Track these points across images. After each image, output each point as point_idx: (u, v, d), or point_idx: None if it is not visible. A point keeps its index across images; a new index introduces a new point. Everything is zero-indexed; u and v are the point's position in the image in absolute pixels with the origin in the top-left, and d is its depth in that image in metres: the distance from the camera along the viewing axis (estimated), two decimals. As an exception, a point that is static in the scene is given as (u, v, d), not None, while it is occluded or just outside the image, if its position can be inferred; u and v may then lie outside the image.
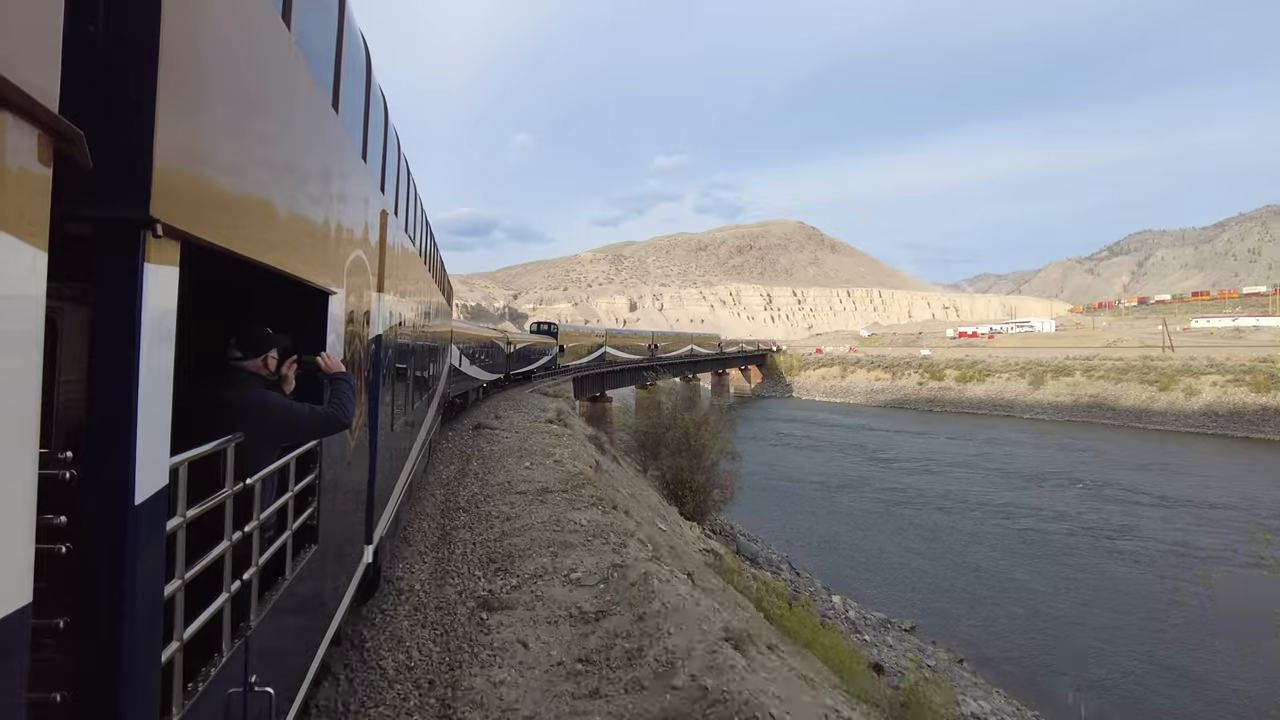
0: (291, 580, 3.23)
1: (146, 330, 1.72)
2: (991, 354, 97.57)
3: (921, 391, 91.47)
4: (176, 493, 2.03)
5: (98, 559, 1.66)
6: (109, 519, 1.67)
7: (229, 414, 2.71)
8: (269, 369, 3.19)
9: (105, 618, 1.67)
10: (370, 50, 4.84)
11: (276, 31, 2.71)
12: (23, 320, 1.23)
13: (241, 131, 2.35)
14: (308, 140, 3.26)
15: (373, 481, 5.42)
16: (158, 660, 1.90)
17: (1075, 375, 78.74)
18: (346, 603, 4.82)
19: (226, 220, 2.22)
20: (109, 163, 1.60)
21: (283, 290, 3.23)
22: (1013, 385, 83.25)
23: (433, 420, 12.97)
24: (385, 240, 5.67)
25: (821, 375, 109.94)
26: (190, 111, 1.90)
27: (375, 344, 5.32)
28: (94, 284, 1.69)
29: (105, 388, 1.68)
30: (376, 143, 5.36)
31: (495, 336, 30.86)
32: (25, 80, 1.14)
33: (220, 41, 2.12)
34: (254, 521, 2.71)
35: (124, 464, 1.67)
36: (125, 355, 1.68)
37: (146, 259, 1.72)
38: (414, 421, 9.01)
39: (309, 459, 3.55)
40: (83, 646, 1.66)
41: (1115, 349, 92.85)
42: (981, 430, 68.06)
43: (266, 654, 2.91)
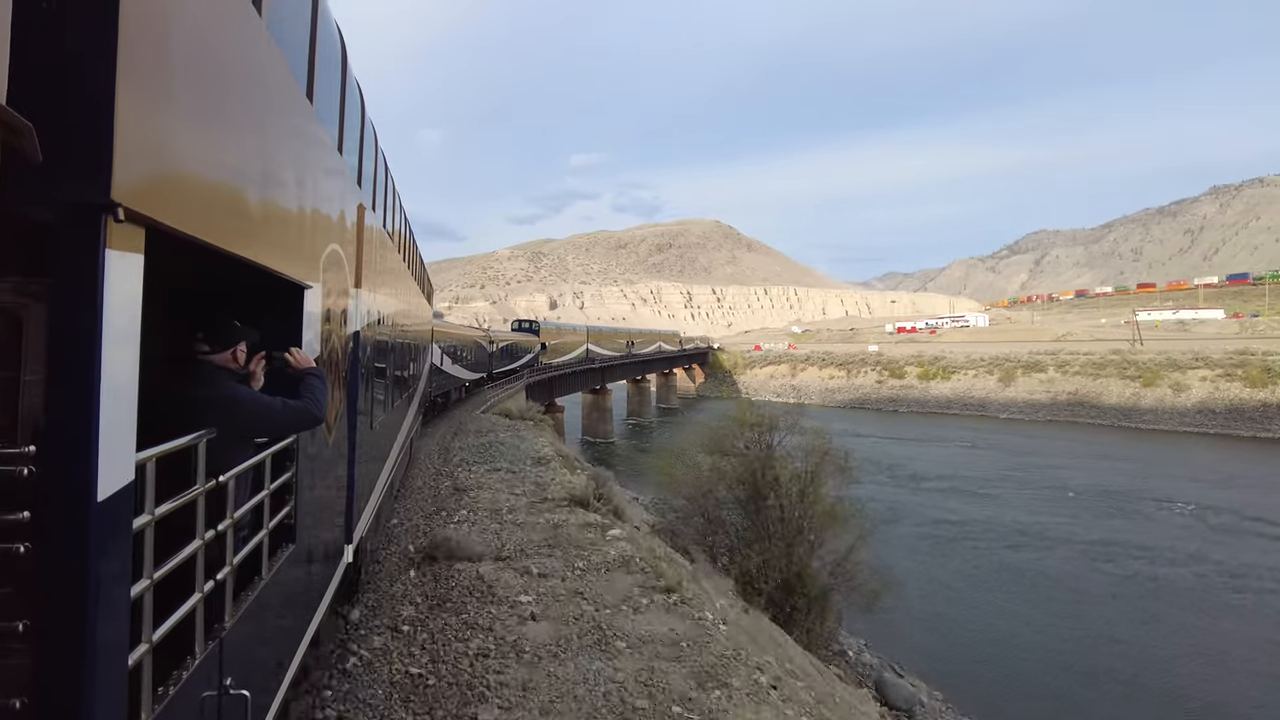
0: (268, 580, 3.17)
1: (109, 319, 1.63)
2: (942, 350, 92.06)
3: (882, 390, 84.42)
4: (144, 490, 1.94)
5: (59, 558, 1.58)
6: (70, 517, 1.58)
7: (198, 410, 2.61)
8: (238, 363, 3.07)
9: (68, 619, 1.59)
10: (346, 41, 4.83)
11: (247, 16, 2.63)
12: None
13: (210, 117, 2.25)
14: (280, 129, 3.17)
15: (352, 480, 5.41)
16: (125, 663, 1.82)
17: (1048, 371, 73.42)
18: (326, 603, 4.76)
19: (194, 207, 2.12)
20: (66, 144, 1.52)
21: (255, 286, 3.19)
22: (981, 383, 77.25)
23: (414, 419, 12.85)
24: (362, 235, 5.55)
25: (770, 374, 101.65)
26: (153, 93, 1.80)
27: (353, 341, 5.26)
28: (53, 270, 1.60)
29: (65, 379, 1.59)
30: (353, 135, 5.31)
31: (478, 335, 29.92)
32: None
33: (185, 22, 2.03)
34: (228, 520, 2.64)
35: (85, 459, 1.58)
36: (86, 344, 1.59)
37: (108, 244, 1.62)
38: (394, 420, 8.90)
39: (285, 456, 3.48)
40: (44, 649, 1.58)
41: (1067, 343, 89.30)
42: (960, 432, 60.91)
43: (242, 656, 2.83)
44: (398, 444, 9.47)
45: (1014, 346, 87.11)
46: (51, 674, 1.59)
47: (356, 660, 5.76)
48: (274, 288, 3.35)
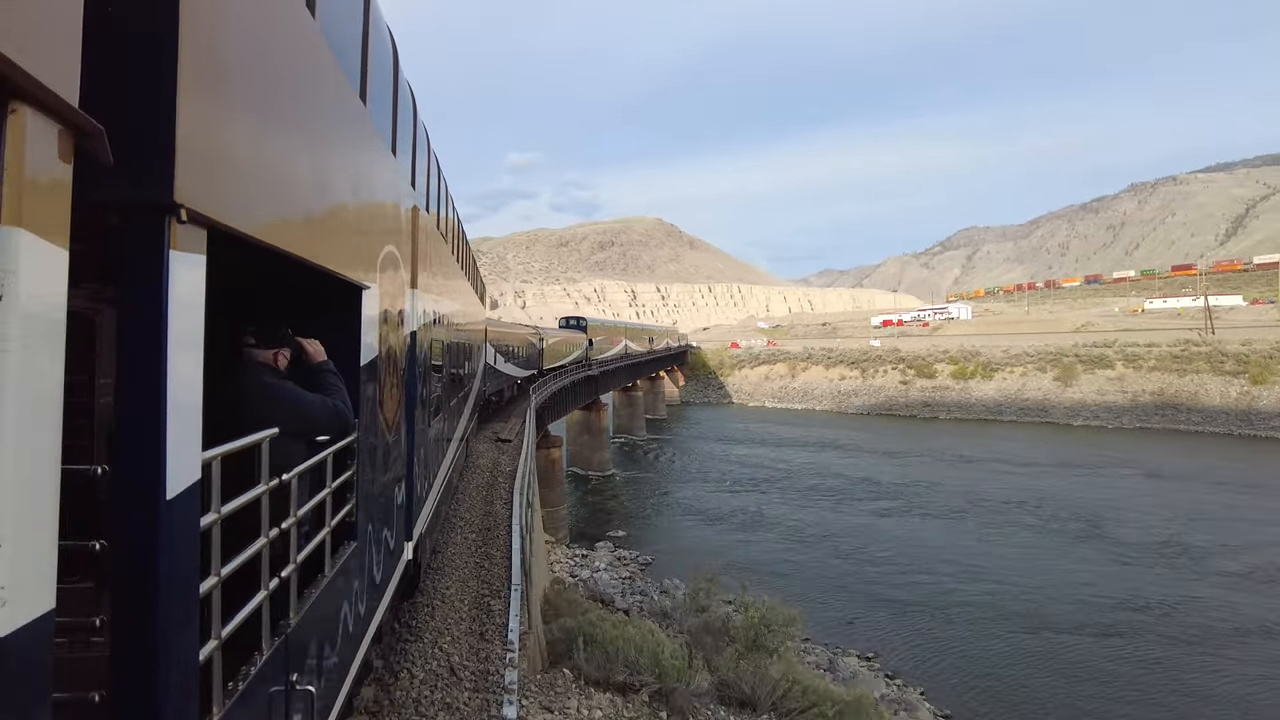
0: (331, 577, 3.19)
1: (174, 319, 1.65)
2: (956, 344, 79.61)
3: (910, 393, 71.20)
4: (210, 489, 1.96)
5: (130, 556, 1.61)
6: (140, 515, 1.62)
7: (237, 400, 2.69)
8: (278, 365, 3.10)
9: (140, 615, 1.62)
10: (398, 43, 4.78)
11: (302, 20, 2.65)
12: (45, 317, 1.21)
13: (267, 119, 2.28)
14: (336, 131, 3.19)
15: (411, 478, 5.42)
16: (195, 659, 1.85)
17: (1116, 366, 61.78)
18: (387, 600, 4.79)
19: (254, 208, 2.15)
20: (131, 147, 1.55)
21: (313, 288, 3.23)
22: (1034, 382, 65.01)
23: (469, 418, 12.99)
24: (417, 235, 5.56)
25: (764, 375, 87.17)
26: (213, 96, 1.84)
27: (410, 340, 5.27)
28: (119, 272, 1.64)
29: (133, 380, 1.62)
30: (406, 137, 5.29)
31: (528, 333, 30.56)
32: (45, 74, 1.11)
33: (242, 25, 2.06)
34: (291, 518, 2.66)
35: (154, 459, 1.61)
36: (153, 345, 1.62)
37: (172, 245, 1.65)
38: (451, 419, 8.98)
39: (346, 454, 3.50)
40: (119, 644, 1.62)
41: (1089, 333, 79.04)
42: (1036, 446, 47.78)
43: (307, 652, 2.86)
44: (454, 442, 9.56)
45: (1022, 340, 75.93)
46: (126, 669, 1.61)
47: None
48: (332, 288, 3.40)
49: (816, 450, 49.92)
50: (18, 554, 1.11)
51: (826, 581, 23.92)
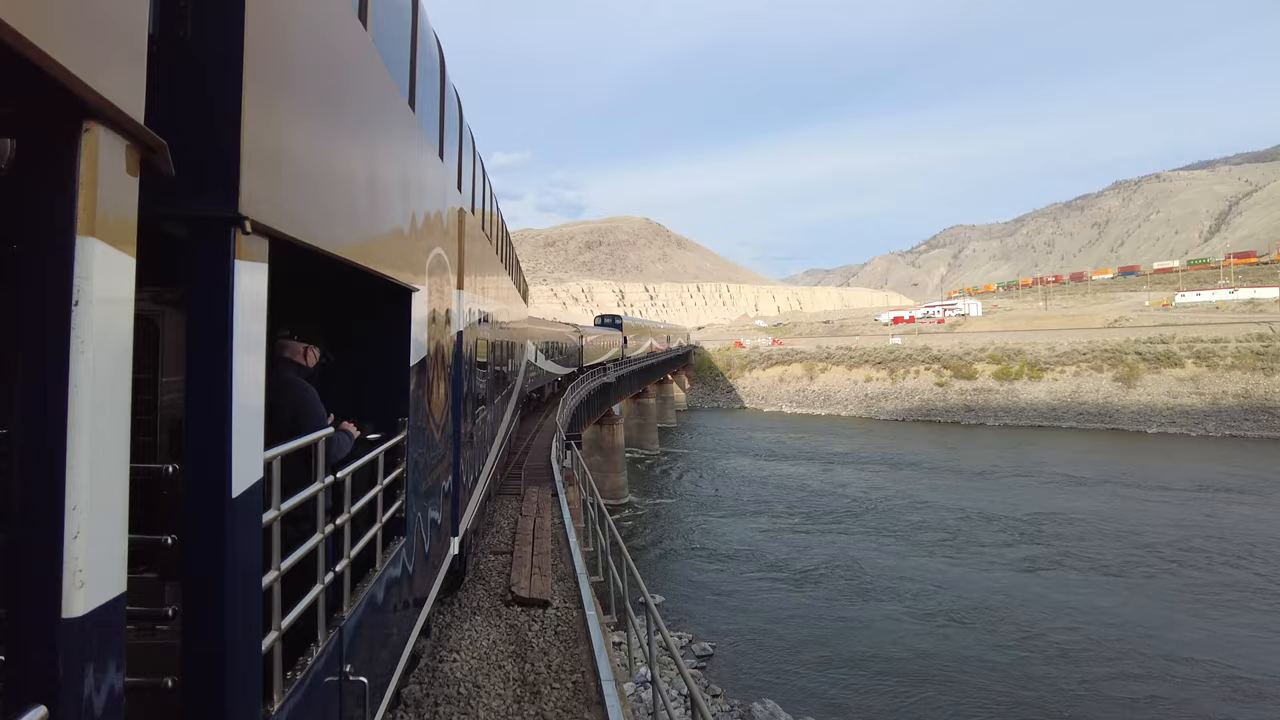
0: (382, 571, 3.26)
1: (239, 325, 1.73)
2: (987, 340, 72.70)
3: (948, 396, 64.06)
4: (271, 486, 2.04)
5: (199, 550, 1.69)
6: (207, 511, 1.69)
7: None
8: (306, 361, 3.13)
9: (208, 606, 1.70)
10: (444, 49, 4.86)
11: (355, 29, 2.69)
12: (115, 323, 1.26)
13: (324, 129, 2.35)
14: (387, 138, 3.23)
15: (457, 475, 5.49)
16: (259, 648, 1.93)
17: (1185, 365, 55.04)
18: (434, 594, 4.89)
19: (312, 216, 2.23)
20: (198, 161, 1.64)
21: (366, 291, 3.35)
22: (1090, 382, 58.17)
23: (512, 416, 13.21)
24: (463, 237, 5.66)
25: (778, 376, 79.68)
26: (275, 111, 1.90)
27: (456, 340, 5.35)
28: (187, 282, 1.71)
29: (201, 383, 1.70)
30: (452, 141, 5.35)
31: (568, 331, 30.28)
32: (116, 94, 1.18)
33: (301, 39, 2.12)
34: (345, 514, 2.73)
35: (220, 458, 1.69)
36: (219, 351, 1.69)
37: (236, 256, 1.72)
38: (495, 417, 9.13)
39: (396, 452, 3.58)
40: (190, 634, 1.70)
41: (1123, 328, 72.60)
42: (1119, 461, 40.88)
43: (359, 644, 2.92)
44: (498, 439, 9.71)
45: (1070, 335, 69.21)
46: (196, 656, 1.69)
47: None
48: (383, 291, 3.47)
49: (865, 467, 42.46)
50: (93, 542, 1.19)
51: (1001, 696, 16.12)
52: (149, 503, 1.67)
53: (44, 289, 1.15)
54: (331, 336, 3.29)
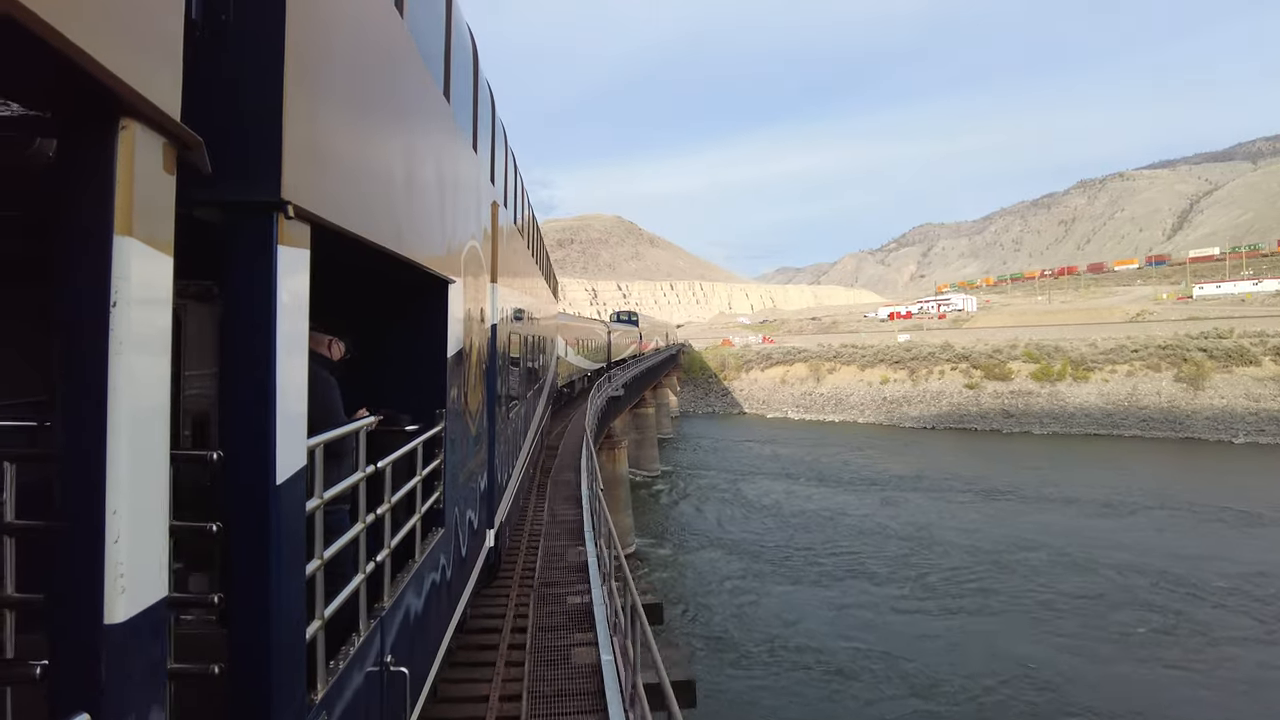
0: (421, 563, 3.22)
1: (282, 310, 1.71)
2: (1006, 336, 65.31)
3: (981, 400, 56.06)
4: (314, 474, 2.02)
5: (244, 538, 1.68)
6: (252, 499, 1.68)
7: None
8: (330, 354, 3.12)
9: (254, 595, 1.69)
10: (477, 41, 4.82)
11: (392, 20, 2.67)
12: (154, 321, 1.26)
13: (362, 118, 2.34)
14: (423, 128, 3.22)
15: (493, 466, 5.46)
16: (303, 637, 1.91)
17: (1264, 364, 47.77)
18: (472, 585, 4.83)
19: (351, 204, 2.21)
20: (241, 147, 1.65)
21: (399, 283, 3.33)
22: (1148, 383, 50.69)
23: (544, 410, 12.89)
24: (497, 231, 5.62)
25: (780, 378, 70.92)
26: (315, 98, 1.90)
27: (491, 334, 5.33)
28: (230, 267, 1.70)
29: (245, 370, 1.69)
30: (485, 134, 5.30)
31: (598, 325, 30.90)
32: (152, 91, 1.16)
33: (340, 24, 2.12)
34: (386, 504, 2.70)
35: (264, 446, 1.67)
36: (264, 335, 1.68)
37: (279, 241, 1.71)
38: (528, 409, 9.04)
39: (434, 444, 3.53)
40: (236, 621, 1.70)
41: (1146, 323, 66.03)
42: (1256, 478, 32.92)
43: (400, 635, 2.89)
44: (531, 432, 9.62)
45: (1065, 331, 62.27)
46: (242, 644, 1.69)
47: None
48: (419, 282, 3.44)
49: (932, 496, 33.95)
50: (134, 546, 1.18)
51: None
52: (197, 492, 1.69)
53: (82, 290, 1.13)
54: (363, 329, 3.26)
